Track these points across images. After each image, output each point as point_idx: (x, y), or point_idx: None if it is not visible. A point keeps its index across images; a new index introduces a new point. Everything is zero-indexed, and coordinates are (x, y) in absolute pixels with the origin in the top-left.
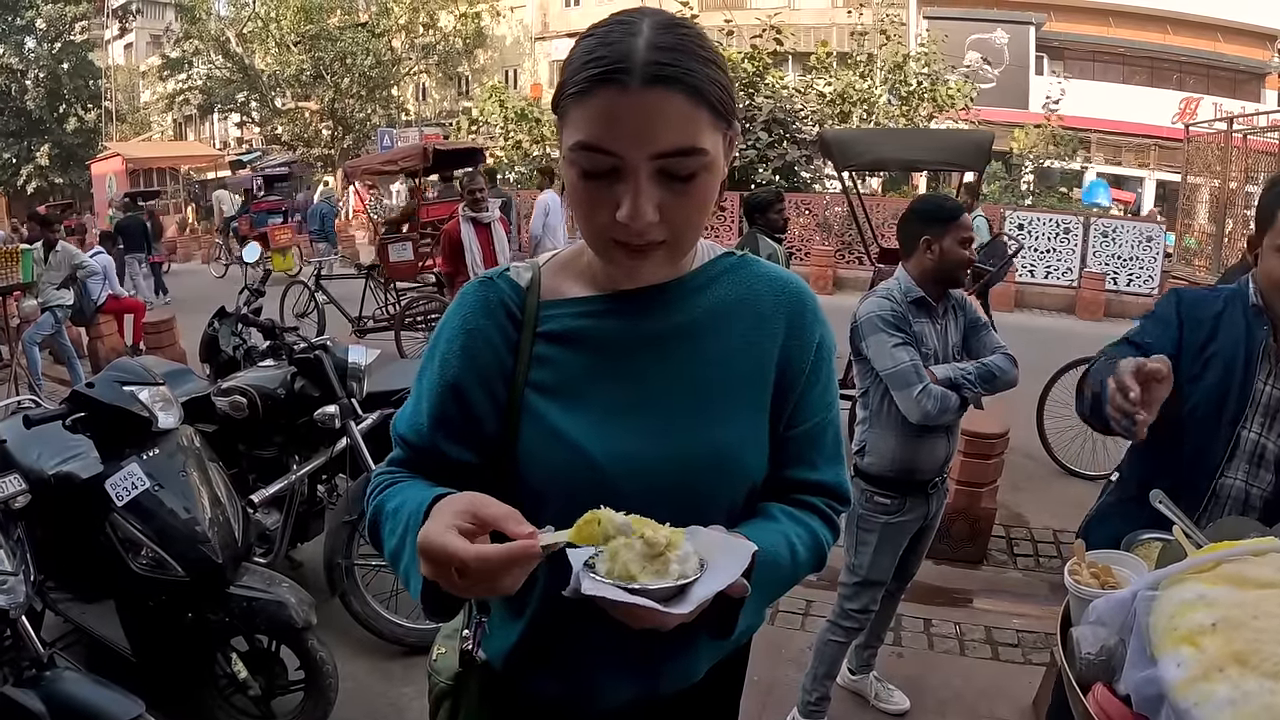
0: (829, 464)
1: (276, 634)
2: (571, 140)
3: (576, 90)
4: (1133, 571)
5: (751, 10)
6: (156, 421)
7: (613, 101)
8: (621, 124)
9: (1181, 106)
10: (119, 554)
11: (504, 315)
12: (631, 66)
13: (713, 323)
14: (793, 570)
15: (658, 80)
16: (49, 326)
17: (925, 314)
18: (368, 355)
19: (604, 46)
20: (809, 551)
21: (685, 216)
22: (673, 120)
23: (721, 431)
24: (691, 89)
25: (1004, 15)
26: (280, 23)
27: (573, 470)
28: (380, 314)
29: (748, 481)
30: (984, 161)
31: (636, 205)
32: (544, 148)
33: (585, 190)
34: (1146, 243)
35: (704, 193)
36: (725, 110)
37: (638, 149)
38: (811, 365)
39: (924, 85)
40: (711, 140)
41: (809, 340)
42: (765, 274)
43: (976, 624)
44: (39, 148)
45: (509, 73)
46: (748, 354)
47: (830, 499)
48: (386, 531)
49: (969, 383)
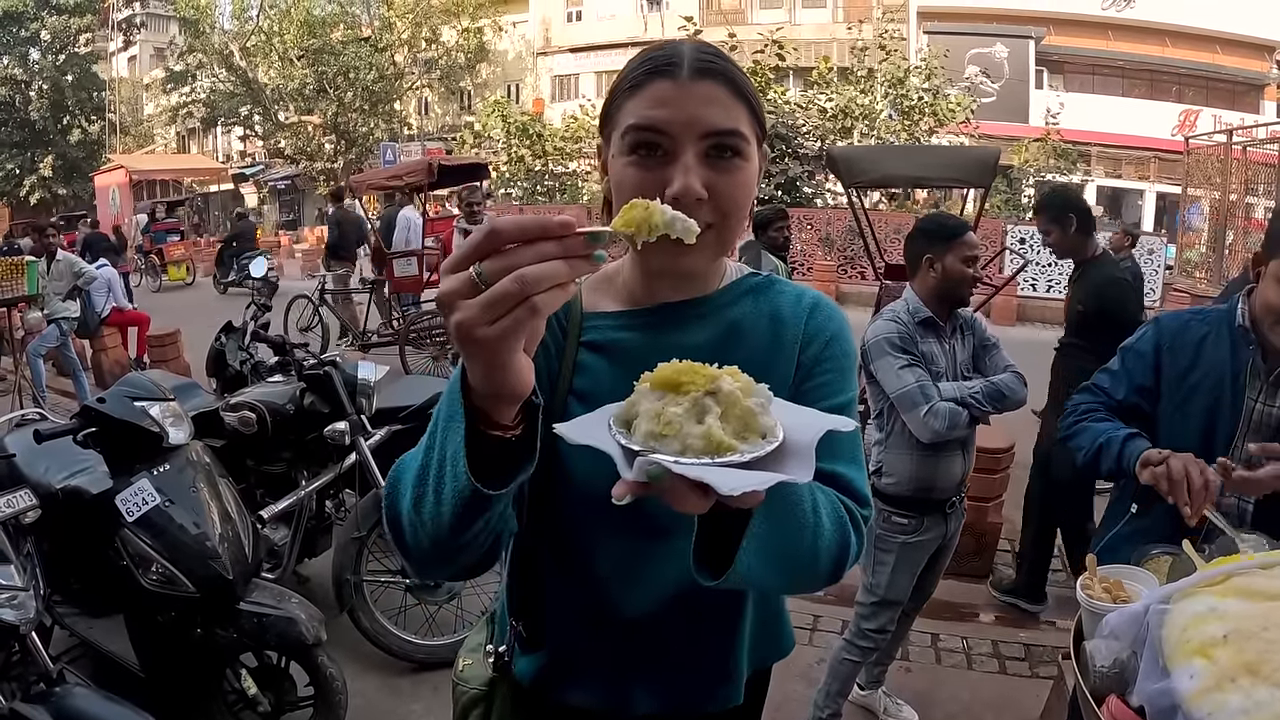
0: (845, 460)
1: (286, 650)
2: (624, 125)
3: (630, 85)
4: (1144, 586)
5: (753, 25)
6: (167, 437)
7: (664, 89)
8: (673, 107)
9: (1181, 118)
10: (129, 570)
11: (553, 319)
12: (681, 62)
13: (741, 335)
14: (814, 525)
15: (705, 73)
16: (54, 338)
17: (933, 334)
18: (377, 372)
19: (654, 51)
20: (833, 522)
21: (731, 197)
22: (718, 105)
23: None
24: (733, 84)
25: (1003, 29)
26: (284, 37)
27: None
28: (384, 329)
29: None
30: (991, 178)
31: (687, 179)
32: (546, 163)
33: (634, 176)
34: (1148, 256)
35: (746, 179)
36: (760, 120)
37: (687, 128)
38: (821, 353)
39: (925, 100)
40: (750, 134)
41: (822, 334)
42: (788, 289)
43: (983, 638)
44: (42, 159)
45: (511, 87)
46: (773, 360)
47: (849, 497)
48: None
49: (977, 401)
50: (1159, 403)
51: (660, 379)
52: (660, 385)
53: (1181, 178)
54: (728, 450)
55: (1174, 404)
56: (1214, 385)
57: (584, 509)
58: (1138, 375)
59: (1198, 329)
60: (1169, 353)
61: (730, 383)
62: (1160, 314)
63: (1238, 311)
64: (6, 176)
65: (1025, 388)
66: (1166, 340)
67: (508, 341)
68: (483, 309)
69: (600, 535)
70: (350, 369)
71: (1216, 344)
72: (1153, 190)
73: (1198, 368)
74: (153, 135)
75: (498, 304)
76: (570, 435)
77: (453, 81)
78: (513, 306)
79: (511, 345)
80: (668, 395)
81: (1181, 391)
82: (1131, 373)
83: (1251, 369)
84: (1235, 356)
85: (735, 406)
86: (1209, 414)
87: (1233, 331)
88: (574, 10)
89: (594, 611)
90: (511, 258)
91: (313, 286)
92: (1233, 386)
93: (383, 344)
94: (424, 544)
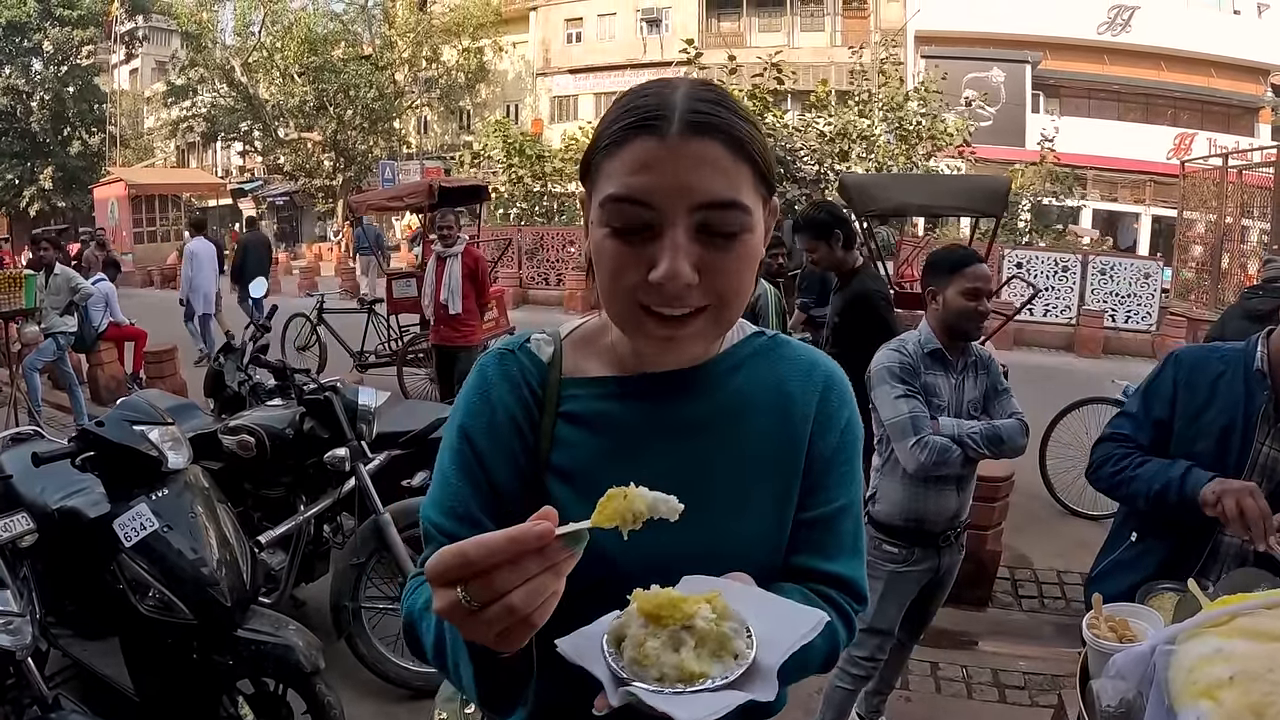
0: (846, 557)
1: (284, 678)
2: (602, 195)
3: (609, 142)
4: (1149, 625)
5: (752, 49)
6: (166, 461)
7: (649, 150)
8: (658, 172)
9: (1176, 142)
10: (125, 595)
11: (526, 391)
12: (670, 114)
13: (742, 409)
14: (803, 654)
15: (698, 129)
16: (51, 353)
17: (940, 366)
18: (378, 397)
19: (639, 98)
20: (824, 640)
21: (727, 280)
22: (714, 170)
23: (749, 527)
24: (734, 140)
25: (1000, 54)
26: (285, 53)
27: (591, 563)
28: (382, 349)
29: (773, 578)
30: (1003, 207)
31: (674, 262)
32: (545, 184)
33: (614, 250)
34: (1144, 280)
35: (748, 254)
36: (767, 173)
37: (675, 200)
38: (835, 448)
39: (923, 124)
40: (753, 201)
41: (836, 422)
42: (796, 356)
43: (983, 666)
44: (42, 170)
45: (510, 107)
46: (778, 441)
47: (845, 594)
48: (424, 626)
49: (973, 442)
50: (1171, 439)
51: (645, 608)
52: (644, 614)
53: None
54: (699, 678)
55: (1184, 440)
56: (1226, 425)
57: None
58: (1156, 411)
59: (1214, 367)
60: (1185, 388)
61: (706, 616)
62: (1179, 349)
63: (1256, 355)
64: (6, 187)
65: (1026, 436)
66: (1184, 376)
67: (512, 642)
68: (483, 626)
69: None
70: (351, 394)
71: (1231, 384)
72: (1148, 213)
73: (1211, 406)
74: (153, 149)
75: (495, 623)
76: (569, 654)
77: (452, 101)
78: (510, 624)
79: (518, 641)
80: (650, 625)
81: (1193, 429)
82: (1151, 410)
83: (1263, 414)
84: (1249, 399)
85: (710, 635)
86: (1217, 454)
87: (1249, 374)
88: (574, 31)
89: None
90: (495, 582)
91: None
92: (1243, 429)
93: (380, 364)
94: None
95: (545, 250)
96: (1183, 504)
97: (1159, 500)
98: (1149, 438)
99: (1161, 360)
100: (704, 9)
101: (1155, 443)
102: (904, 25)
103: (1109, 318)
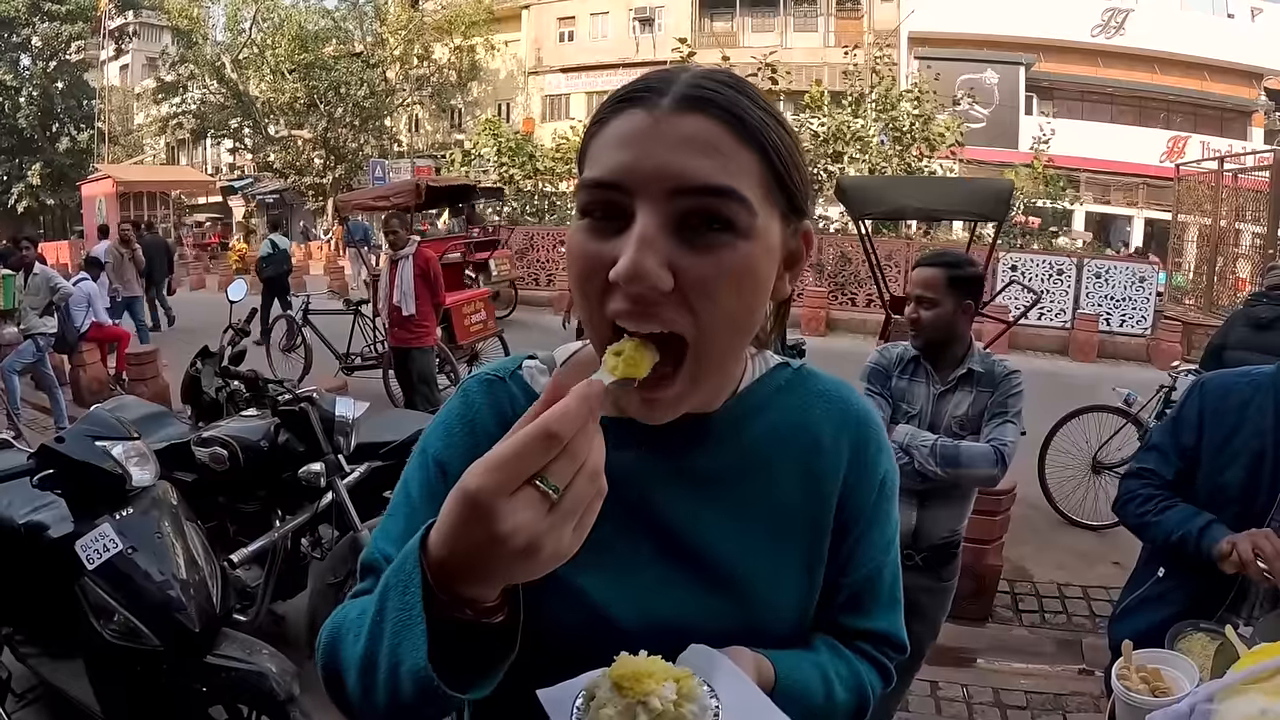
0: (883, 611)
1: (257, 705)
2: (581, 179)
3: (598, 119)
4: (1182, 673)
5: (746, 49)
6: (130, 479)
7: (634, 123)
8: (637, 147)
9: (1169, 145)
10: (89, 619)
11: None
12: (665, 88)
13: (765, 458)
14: (826, 709)
15: (693, 101)
16: (30, 355)
17: (920, 374)
18: (356, 408)
19: (644, 76)
20: (849, 692)
21: (708, 293)
22: (704, 148)
23: (774, 592)
24: (736, 120)
25: (994, 56)
26: (276, 50)
27: (590, 633)
28: (369, 352)
29: (800, 637)
30: (1004, 211)
31: (637, 255)
32: (536, 182)
33: (580, 247)
34: (1139, 283)
35: (740, 266)
36: (787, 178)
37: (651, 181)
38: (874, 504)
39: (916, 125)
40: (758, 199)
41: (874, 476)
42: (824, 392)
43: (984, 685)
44: (30, 167)
45: (502, 106)
46: (806, 495)
47: (884, 647)
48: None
49: (920, 455)
50: (1199, 468)
51: (613, 674)
52: (612, 679)
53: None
54: None
55: (1213, 469)
56: (1256, 453)
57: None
58: (1183, 440)
59: (1242, 392)
60: (1212, 416)
61: (665, 697)
62: (1204, 376)
63: None
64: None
65: (996, 466)
66: (1210, 403)
67: (566, 548)
68: (572, 526)
69: None
70: (328, 404)
71: (1260, 410)
72: (1141, 216)
73: (1239, 434)
74: (142, 145)
75: (583, 511)
76: (546, 703)
77: (444, 99)
78: (589, 504)
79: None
80: (614, 693)
81: (1222, 458)
82: (1178, 441)
83: None
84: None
85: (665, 717)
86: (1247, 483)
87: (1278, 401)
88: (566, 30)
89: None
90: (575, 454)
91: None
92: (1274, 455)
93: (366, 367)
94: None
95: (536, 250)
96: (1199, 557)
97: (1178, 549)
98: (1174, 470)
99: (1187, 389)
100: (697, 9)
101: (1182, 474)
102: (898, 26)
103: (1104, 321)
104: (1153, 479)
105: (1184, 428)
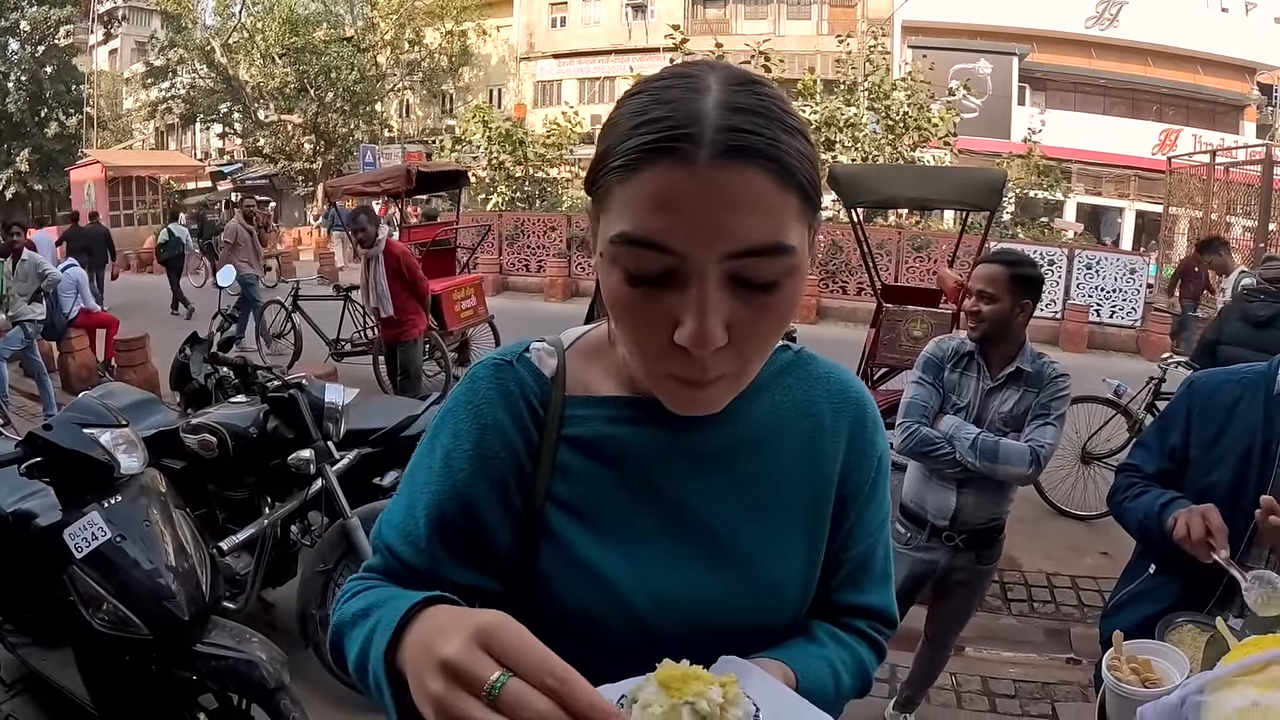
0: (876, 587)
1: (247, 694)
2: (614, 231)
3: (622, 164)
4: (1173, 665)
5: (739, 36)
6: (118, 467)
7: (673, 179)
8: (683, 210)
9: (1161, 138)
10: (77, 608)
11: (526, 411)
12: (699, 133)
13: (768, 437)
14: (836, 699)
15: (735, 153)
16: (18, 342)
17: (971, 368)
18: (346, 395)
19: (660, 105)
20: (853, 678)
21: (760, 339)
22: (754, 207)
23: (778, 567)
24: (779, 166)
25: (988, 46)
26: (265, 35)
27: (602, 608)
28: (358, 338)
29: (798, 616)
30: (997, 201)
31: (702, 325)
32: (526, 169)
33: (629, 303)
34: (1130, 275)
35: (787, 306)
36: (814, 195)
37: (705, 246)
38: (871, 483)
39: (909, 114)
40: (799, 235)
41: (871, 457)
42: (824, 376)
43: (973, 674)
44: (18, 152)
45: (493, 92)
46: (807, 473)
47: (876, 622)
48: (353, 635)
49: (961, 445)
50: (1188, 466)
51: (661, 676)
52: (659, 681)
53: (1162, 196)
54: None
55: (1202, 468)
56: (1244, 452)
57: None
58: (1171, 439)
59: (1232, 391)
60: (1200, 414)
61: (714, 699)
62: (1194, 375)
63: (1278, 379)
64: None
65: (1030, 466)
66: (1199, 402)
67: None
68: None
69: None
70: (317, 391)
71: (1250, 410)
72: (1132, 208)
73: (1227, 433)
74: (131, 130)
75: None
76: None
77: (435, 84)
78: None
79: None
80: (660, 693)
81: (1210, 457)
82: (1166, 439)
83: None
84: (1269, 425)
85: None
86: (1235, 482)
87: (1269, 398)
88: (558, 16)
89: None
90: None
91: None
92: (1262, 456)
93: (356, 354)
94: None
95: (526, 236)
96: (1162, 536)
97: (1144, 532)
98: (1158, 468)
99: (1178, 388)
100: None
101: (1169, 472)
102: (891, 15)
103: (1094, 312)
104: (1135, 473)
105: (1172, 426)
